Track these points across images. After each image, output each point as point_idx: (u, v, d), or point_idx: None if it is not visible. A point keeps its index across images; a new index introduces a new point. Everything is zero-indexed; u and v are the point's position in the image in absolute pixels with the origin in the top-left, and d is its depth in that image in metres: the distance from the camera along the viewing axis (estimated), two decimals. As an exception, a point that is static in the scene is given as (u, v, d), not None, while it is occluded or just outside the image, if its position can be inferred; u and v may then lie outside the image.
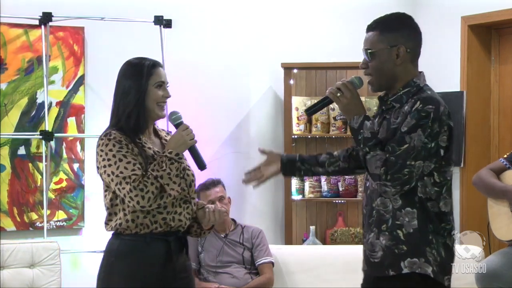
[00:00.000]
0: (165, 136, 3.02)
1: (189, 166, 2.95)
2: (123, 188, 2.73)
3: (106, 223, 2.88)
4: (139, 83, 2.84)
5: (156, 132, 3.00)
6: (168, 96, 2.91)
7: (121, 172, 2.74)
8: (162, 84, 2.88)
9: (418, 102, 2.61)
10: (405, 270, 2.65)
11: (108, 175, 2.77)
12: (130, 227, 2.80)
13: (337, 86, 2.72)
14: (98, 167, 2.83)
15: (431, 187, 2.66)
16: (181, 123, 2.90)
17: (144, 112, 2.85)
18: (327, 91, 2.74)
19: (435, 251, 2.66)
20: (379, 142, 2.65)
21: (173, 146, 2.82)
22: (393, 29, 2.71)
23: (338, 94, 2.70)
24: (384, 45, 2.69)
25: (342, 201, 5.19)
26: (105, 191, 2.86)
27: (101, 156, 2.79)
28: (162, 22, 4.46)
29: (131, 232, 2.81)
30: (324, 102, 2.79)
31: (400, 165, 2.58)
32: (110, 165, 2.76)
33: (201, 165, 2.89)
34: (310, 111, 2.83)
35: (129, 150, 2.78)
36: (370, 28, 2.75)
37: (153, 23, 4.46)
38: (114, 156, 2.76)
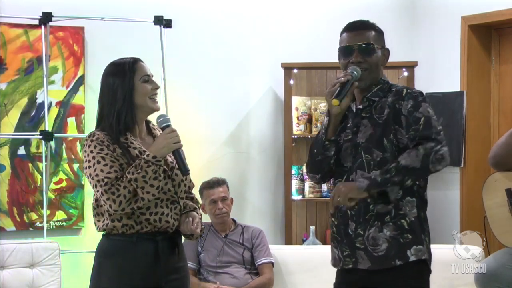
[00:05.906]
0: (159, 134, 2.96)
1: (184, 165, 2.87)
2: (98, 191, 2.75)
3: (95, 224, 2.88)
4: (124, 80, 2.82)
5: (150, 131, 2.96)
6: (157, 87, 2.88)
7: (97, 175, 2.74)
8: (148, 78, 2.86)
9: (405, 90, 2.77)
10: (412, 258, 2.72)
11: (88, 177, 2.80)
12: (116, 227, 2.79)
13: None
14: (84, 168, 2.84)
15: None
16: (167, 126, 2.85)
17: (133, 109, 2.83)
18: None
19: (427, 238, 2.79)
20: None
21: (154, 149, 2.78)
22: (382, 33, 2.87)
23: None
24: (380, 45, 2.84)
25: (342, 201, 5.18)
26: (94, 191, 2.86)
27: (84, 157, 2.81)
28: (162, 22, 4.45)
29: (118, 232, 2.80)
30: (349, 84, 2.75)
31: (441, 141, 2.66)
32: (89, 167, 2.77)
33: (182, 170, 2.84)
34: (341, 97, 2.73)
35: (110, 152, 2.77)
36: (363, 26, 2.84)
37: (153, 23, 4.46)
38: (93, 157, 2.76)
